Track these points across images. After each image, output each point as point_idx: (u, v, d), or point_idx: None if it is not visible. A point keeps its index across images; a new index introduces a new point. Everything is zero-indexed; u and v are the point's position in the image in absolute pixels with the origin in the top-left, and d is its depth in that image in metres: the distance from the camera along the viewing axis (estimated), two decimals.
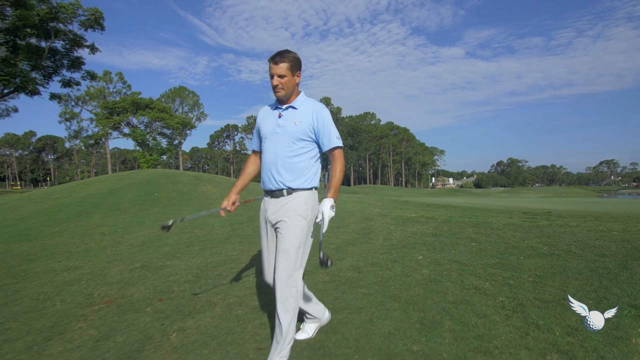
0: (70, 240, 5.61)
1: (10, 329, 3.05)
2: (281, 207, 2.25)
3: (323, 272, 3.93)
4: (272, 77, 2.24)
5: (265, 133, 2.36)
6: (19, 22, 17.82)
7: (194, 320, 2.96)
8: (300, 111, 2.30)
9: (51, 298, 3.65)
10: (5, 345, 2.77)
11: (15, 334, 2.97)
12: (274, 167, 2.27)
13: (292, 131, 2.26)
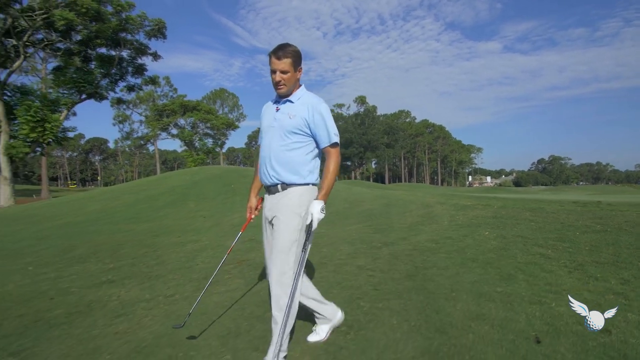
0: (178, 222, 6.70)
1: (173, 279, 4.05)
2: (276, 203, 2.25)
3: (405, 242, 4.73)
4: (273, 72, 2.20)
5: (263, 127, 2.38)
6: (93, 34, 19.80)
7: (318, 272, 3.86)
8: (296, 105, 2.26)
9: (191, 261, 4.66)
10: (179, 288, 3.77)
11: (182, 281, 3.97)
12: (268, 162, 2.27)
13: (285, 125, 2.22)
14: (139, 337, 2.78)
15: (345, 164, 79.04)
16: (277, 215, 2.21)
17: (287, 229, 2.17)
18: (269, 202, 2.31)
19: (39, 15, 18.20)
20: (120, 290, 3.83)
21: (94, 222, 7.21)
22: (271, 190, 2.28)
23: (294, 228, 2.17)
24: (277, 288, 2.14)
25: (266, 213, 2.33)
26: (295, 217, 2.17)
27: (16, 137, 19.24)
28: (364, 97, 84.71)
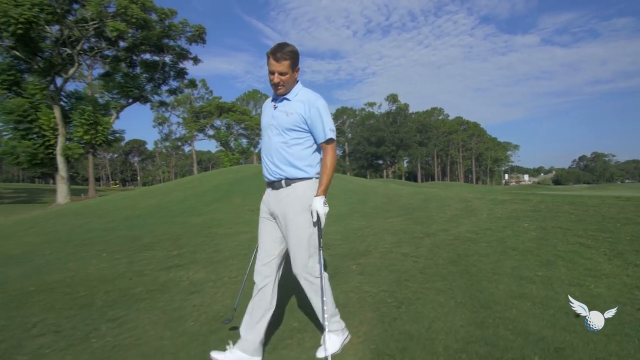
0: (228, 215, 7.19)
1: (233, 264, 4.50)
2: (282, 200, 2.30)
3: (445, 233, 4.98)
4: (272, 73, 2.21)
5: (262, 125, 2.44)
6: (139, 41, 21.08)
7: (365, 258, 4.19)
8: (293, 102, 2.29)
9: (246, 249, 5.09)
10: (240, 271, 4.19)
11: (241, 266, 4.40)
12: (269, 158, 2.33)
13: (283, 122, 2.28)
14: (214, 310, 3.21)
15: (377, 162, 78.78)
16: (286, 213, 2.27)
17: (301, 227, 2.26)
18: (272, 197, 2.35)
19: (91, 25, 19.56)
20: (188, 272, 4.30)
21: (152, 215, 7.85)
22: (275, 186, 2.34)
23: (307, 224, 2.27)
24: (306, 276, 2.29)
25: (271, 208, 2.36)
26: (306, 212, 2.26)
27: (71, 139, 20.75)
28: (396, 95, 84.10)
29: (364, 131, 76.85)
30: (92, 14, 18.85)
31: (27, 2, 16.43)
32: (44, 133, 19.67)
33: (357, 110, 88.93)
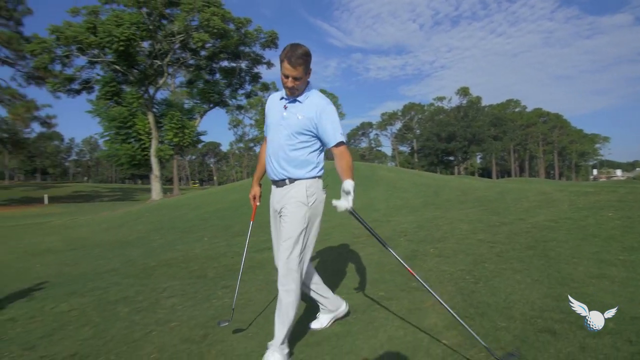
0: None
1: (317, 247, 4.98)
2: (284, 195, 2.34)
3: (523, 222, 5.05)
4: (286, 77, 2.21)
5: (270, 122, 2.44)
6: (218, 50, 22.95)
7: (441, 244, 4.45)
8: (305, 105, 2.29)
9: (327, 235, 5.57)
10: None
11: (325, 249, 4.87)
12: (275, 159, 2.34)
13: (294, 125, 2.28)
14: None
15: (448, 159, 76.18)
16: (285, 206, 2.30)
17: (295, 219, 2.26)
18: (277, 194, 2.40)
19: (178, 38, 21.67)
20: None
21: (238, 208, 8.69)
22: (279, 184, 2.37)
23: (302, 217, 2.27)
24: (285, 272, 2.25)
25: (275, 205, 2.41)
26: (302, 207, 2.28)
27: (163, 142, 23.15)
28: (467, 88, 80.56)
29: (433, 127, 74.72)
30: (179, 28, 20.82)
31: (126, 21, 18.70)
32: (140, 137, 22.24)
33: (426, 106, 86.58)
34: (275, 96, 2.47)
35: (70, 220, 12.33)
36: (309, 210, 2.31)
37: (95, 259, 5.64)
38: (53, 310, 3.50)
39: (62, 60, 21.63)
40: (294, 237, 2.25)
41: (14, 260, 6.04)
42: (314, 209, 2.34)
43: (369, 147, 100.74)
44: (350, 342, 2.42)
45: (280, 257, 2.29)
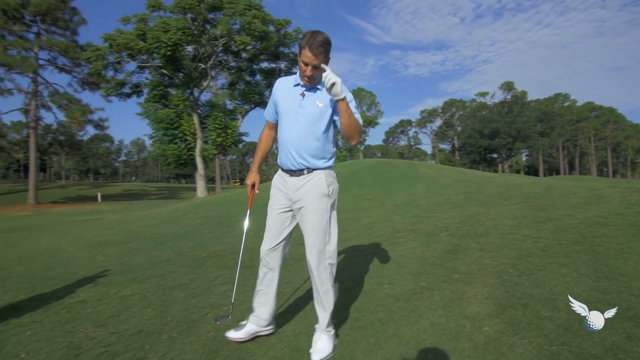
0: (347, 203, 7.89)
1: (360, 240, 5.09)
2: (303, 186, 2.30)
3: (570, 218, 4.93)
4: (306, 64, 2.12)
5: (285, 110, 2.32)
6: (258, 52, 23.64)
7: (484, 238, 4.45)
8: (323, 92, 2.22)
9: (369, 229, 5.67)
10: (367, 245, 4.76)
11: (368, 241, 4.98)
12: (294, 149, 2.27)
13: (314, 113, 2.22)
14: (352, 273, 3.84)
15: (491, 156, 73.63)
16: (307, 199, 2.29)
17: (320, 210, 2.29)
18: (292, 184, 2.34)
19: (220, 42, 22.49)
20: None
21: None
22: (295, 174, 2.32)
23: (325, 208, 2.31)
24: (319, 264, 2.33)
25: (290, 194, 2.35)
26: (324, 198, 2.30)
27: (207, 142, 24.15)
28: (511, 83, 77.43)
29: (475, 123, 72.44)
30: (222, 31, 21.59)
31: (173, 27, 19.65)
32: (186, 137, 23.33)
33: (467, 102, 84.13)
34: (287, 81, 2.36)
35: (123, 216, 13.14)
36: (329, 200, 2.33)
37: (150, 251, 6.04)
38: (117, 294, 3.83)
39: (114, 66, 23.06)
40: (323, 227, 2.32)
41: (77, 251, 6.58)
42: (332, 198, 2.36)
43: (408, 145, 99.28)
44: (394, 327, 2.53)
45: (311, 252, 2.34)
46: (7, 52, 25.92)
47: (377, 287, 3.33)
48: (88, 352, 2.55)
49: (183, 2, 20.52)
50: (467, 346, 2.18)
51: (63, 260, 5.76)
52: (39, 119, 30.24)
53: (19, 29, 27.58)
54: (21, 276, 4.82)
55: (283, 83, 2.38)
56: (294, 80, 2.31)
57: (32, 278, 4.70)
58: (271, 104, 2.43)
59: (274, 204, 2.46)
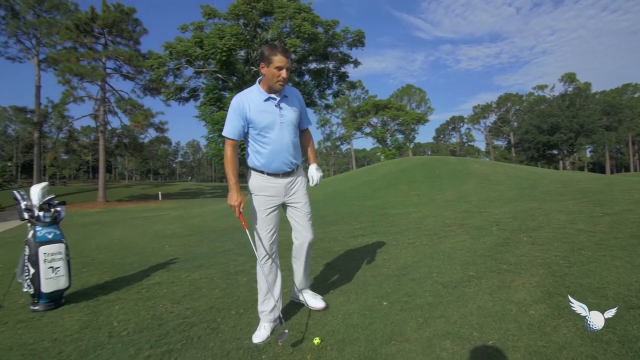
0: (397, 199, 8.02)
1: (409, 234, 5.23)
2: (295, 181, 2.72)
3: (630, 213, 4.77)
4: (281, 69, 2.41)
5: (267, 125, 2.51)
6: (307, 53, 24.19)
7: (536, 232, 4.45)
8: (291, 99, 2.60)
9: (419, 224, 5.79)
10: (417, 239, 4.89)
11: (417, 235, 5.10)
12: (287, 152, 2.60)
13: (293, 118, 2.59)
14: (401, 262, 4.02)
15: (551, 152, 69.50)
16: (299, 190, 2.74)
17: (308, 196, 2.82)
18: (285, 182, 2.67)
19: None
20: (372, 239, 5.24)
21: (332, 200, 9.26)
22: (287, 175, 2.67)
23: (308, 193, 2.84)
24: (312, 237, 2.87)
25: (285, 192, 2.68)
26: (306, 185, 2.82)
27: None
28: (573, 74, 72.62)
29: (533, 118, 68.65)
30: (273, 35, 22.34)
31: (227, 33, 20.65)
32: None
33: (524, 96, 79.96)
34: (252, 99, 2.50)
35: (184, 213, 14.05)
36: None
37: (212, 242, 6.55)
38: (187, 278, 4.28)
39: (173, 72, 24.58)
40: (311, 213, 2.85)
41: (148, 242, 7.25)
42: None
43: (460, 142, 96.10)
44: (442, 309, 2.70)
45: (309, 230, 2.81)
46: (79, 63, 28.36)
47: (426, 275, 3.49)
48: (169, 323, 2.96)
49: (236, 9, 21.49)
50: (512, 326, 2.31)
51: (136, 250, 6.41)
52: (107, 123, 32.79)
53: (89, 41, 30.11)
54: (102, 263, 5.45)
55: (250, 101, 2.50)
56: (259, 95, 2.51)
57: (112, 264, 5.32)
58: (238, 122, 2.51)
59: (266, 206, 2.65)
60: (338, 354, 2.24)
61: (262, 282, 2.69)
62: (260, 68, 2.53)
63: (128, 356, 2.39)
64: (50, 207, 3.64)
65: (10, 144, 73.64)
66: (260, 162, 2.59)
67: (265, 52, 2.43)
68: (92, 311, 3.34)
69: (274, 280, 2.75)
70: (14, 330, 2.98)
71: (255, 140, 2.57)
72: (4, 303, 3.68)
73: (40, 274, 3.37)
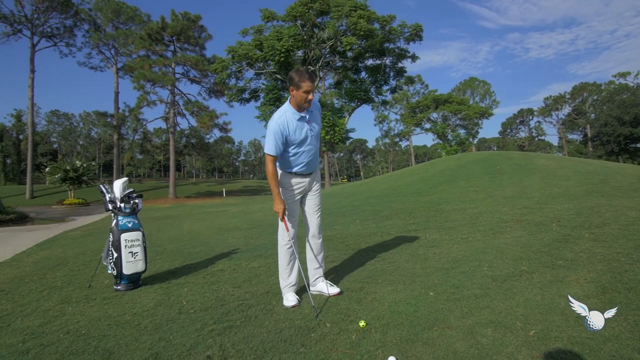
0: (453, 195, 7.89)
1: (463, 230, 5.17)
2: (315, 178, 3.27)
3: None
4: (309, 93, 2.84)
5: (302, 139, 2.98)
6: (363, 50, 24.25)
7: (600, 229, 4.23)
8: (315, 112, 3.06)
9: (474, 220, 5.69)
10: (471, 234, 4.84)
11: (471, 231, 5.05)
12: (314, 158, 3.16)
13: (318, 131, 3.12)
14: (452, 256, 4.04)
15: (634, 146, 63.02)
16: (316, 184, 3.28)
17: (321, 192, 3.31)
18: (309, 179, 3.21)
19: (328, 44, 23.62)
20: (425, 234, 5.26)
21: (386, 196, 9.31)
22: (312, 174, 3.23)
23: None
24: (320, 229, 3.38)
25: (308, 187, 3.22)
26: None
27: None
28: None
29: (613, 109, 62.61)
30: (330, 34, 22.66)
31: (285, 35, 21.30)
32: None
33: (603, 84, 73.05)
34: (288, 120, 2.92)
35: (245, 208, 14.77)
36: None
37: (271, 235, 6.91)
38: (247, 266, 4.61)
39: (235, 75, 25.78)
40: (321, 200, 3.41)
41: (212, 234, 7.78)
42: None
43: (529, 136, 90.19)
44: (488, 300, 2.74)
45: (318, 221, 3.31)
46: (152, 70, 30.65)
47: (476, 268, 3.50)
48: (230, 304, 3.26)
49: (294, 10, 22.06)
50: (558, 319, 2.31)
51: (202, 241, 6.93)
52: (176, 124, 35.10)
53: (160, 49, 32.40)
54: (173, 252, 5.98)
55: (287, 122, 2.93)
56: (292, 115, 2.94)
57: (181, 253, 5.82)
58: (279, 142, 2.91)
59: (293, 198, 3.20)
60: (381, 336, 2.38)
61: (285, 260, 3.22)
62: (290, 90, 2.92)
63: (195, 329, 2.71)
64: (129, 199, 4.13)
65: (93, 145, 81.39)
66: (292, 165, 3.10)
67: (295, 79, 2.84)
68: (164, 292, 3.75)
69: (294, 258, 3.25)
70: (101, 305, 3.45)
71: (288, 149, 3.02)
72: (93, 283, 4.22)
73: (122, 257, 3.85)
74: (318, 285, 3.30)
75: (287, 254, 3.20)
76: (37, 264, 5.48)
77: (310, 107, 2.99)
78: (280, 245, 3.23)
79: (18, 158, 55.74)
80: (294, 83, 2.84)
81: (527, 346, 2.07)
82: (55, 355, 2.42)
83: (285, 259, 3.21)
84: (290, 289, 3.21)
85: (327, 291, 3.22)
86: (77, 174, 27.05)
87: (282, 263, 3.23)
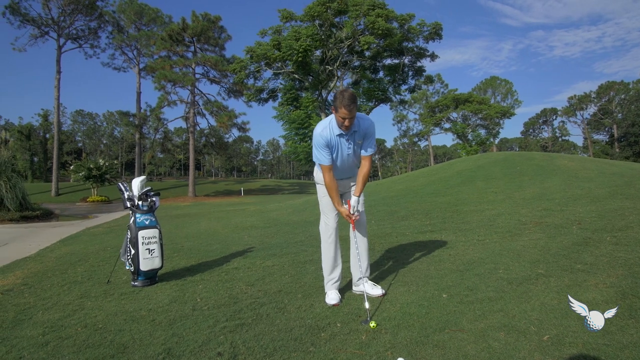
0: (471, 196, 7.77)
1: (480, 231, 5.09)
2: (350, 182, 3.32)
3: None
4: (344, 119, 2.86)
5: (341, 154, 3.11)
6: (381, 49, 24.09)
7: (622, 232, 4.10)
8: (358, 133, 3.05)
9: (492, 221, 5.59)
10: (487, 236, 4.75)
11: (488, 232, 4.96)
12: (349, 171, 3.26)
13: (357, 149, 3.12)
14: (468, 257, 3.98)
15: None
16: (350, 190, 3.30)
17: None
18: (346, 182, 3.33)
19: (346, 43, 23.56)
20: (441, 235, 5.20)
21: (403, 196, 9.23)
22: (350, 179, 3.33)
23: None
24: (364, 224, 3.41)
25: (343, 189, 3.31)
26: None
27: None
28: None
29: None
30: (347, 33, 22.60)
31: (303, 35, 21.36)
32: None
33: (631, 83, 70.57)
34: (329, 135, 3.03)
35: (262, 207, 14.87)
36: None
37: (286, 234, 6.95)
38: (262, 264, 4.65)
39: (254, 75, 25.99)
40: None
41: (229, 232, 7.87)
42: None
43: (553, 136, 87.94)
44: (502, 304, 2.69)
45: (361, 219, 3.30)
46: (172, 70, 31.18)
47: (491, 271, 3.45)
48: (243, 301, 3.30)
49: (312, 10, 22.08)
50: (574, 324, 2.25)
51: (219, 239, 7.02)
52: (196, 124, 35.61)
53: (180, 50, 32.91)
54: (190, 249, 6.08)
55: (329, 134, 3.06)
56: (331, 131, 3.03)
57: (198, 250, 5.91)
58: (327, 151, 3.06)
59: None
60: (392, 337, 2.37)
61: (329, 254, 3.28)
62: (332, 109, 3.01)
63: (207, 326, 2.75)
64: (147, 197, 4.21)
65: (116, 144, 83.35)
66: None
67: (336, 101, 2.87)
68: (180, 289, 3.82)
69: (338, 255, 3.30)
70: (119, 301, 3.53)
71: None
72: (111, 279, 4.33)
73: (139, 254, 3.93)
74: (361, 285, 3.21)
75: (329, 249, 3.26)
76: (59, 260, 5.65)
77: (354, 126, 3.01)
78: (323, 240, 3.30)
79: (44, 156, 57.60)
80: (335, 104, 2.90)
81: (540, 351, 2.02)
82: (72, 348, 2.49)
83: (329, 253, 3.26)
84: (333, 285, 3.23)
85: (371, 292, 3.18)
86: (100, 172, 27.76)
87: (326, 258, 3.28)
